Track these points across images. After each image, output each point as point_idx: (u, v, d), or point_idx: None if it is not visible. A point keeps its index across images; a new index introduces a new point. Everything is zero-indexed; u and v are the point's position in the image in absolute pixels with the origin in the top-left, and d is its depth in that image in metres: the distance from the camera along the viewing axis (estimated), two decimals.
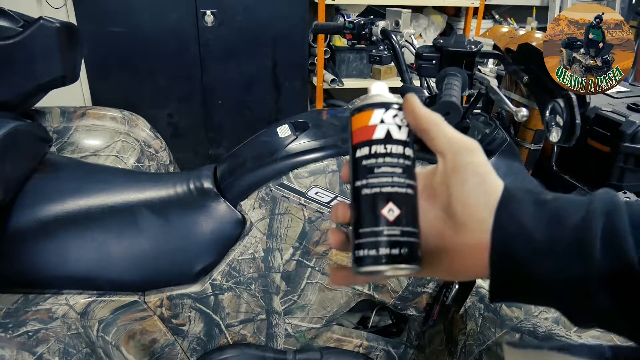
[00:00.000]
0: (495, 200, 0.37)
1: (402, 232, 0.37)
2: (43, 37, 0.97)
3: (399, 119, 0.40)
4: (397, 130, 0.39)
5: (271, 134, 1.01)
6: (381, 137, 0.39)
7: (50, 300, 0.86)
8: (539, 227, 0.36)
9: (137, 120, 1.33)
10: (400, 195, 0.38)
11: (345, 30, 1.26)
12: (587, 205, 0.36)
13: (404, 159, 0.39)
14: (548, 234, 0.36)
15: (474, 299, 0.89)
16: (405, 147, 0.39)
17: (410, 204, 0.39)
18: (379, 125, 0.39)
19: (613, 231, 0.34)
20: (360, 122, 0.40)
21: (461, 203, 0.38)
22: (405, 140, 0.39)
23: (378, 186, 0.38)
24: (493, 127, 0.99)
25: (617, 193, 0.36)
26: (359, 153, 0.40)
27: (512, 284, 0.37)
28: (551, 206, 0.37)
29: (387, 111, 0.40)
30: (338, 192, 0.89)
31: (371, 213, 0.38)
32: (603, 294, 0.34)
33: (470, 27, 2.85)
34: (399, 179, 0.38)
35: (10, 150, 0.86)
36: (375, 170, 0.38)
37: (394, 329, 1.13)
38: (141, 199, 0.95)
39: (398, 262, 0.37)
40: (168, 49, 2.40)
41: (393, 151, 0.39)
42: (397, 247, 0.37)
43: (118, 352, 0.90)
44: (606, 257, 0.34)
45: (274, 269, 0.94)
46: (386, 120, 0.39)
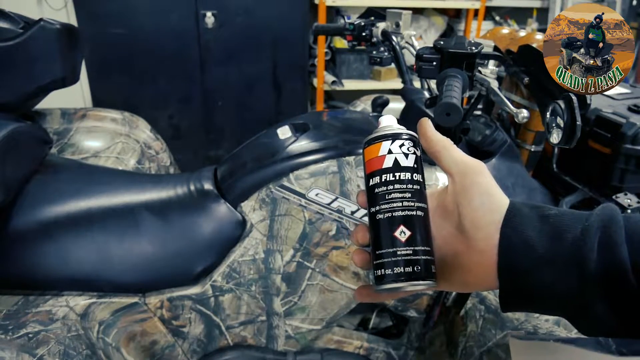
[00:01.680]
0: (500, 217, 0.40)
1: (415, 251, 0.41)
2: (43, 38, 0.97)
3: (406, 148, 0.43)
4: (404, 158, 0.43)
5: (271, 135, 1.02)
6: (390, 166, 0.43)
7: (50, 302, 0.86)
8: (541, 241, 0.38)
9: (138, 122, 1.33)
10: (410, 218, 0.42)
11: (345, 31, 1.26)
12: (585, 220, 0.38)
13: (412, 184, 0.43)
14: (549, 247, 0.38)
15: (475, 301, 0.89)
16: (413, 174, 0.43)
17: (421, 224, 0.42)
18: (387, 156, 0.43)
19: (609, 243, 0.36)
20: (371, 153, 0.44)
21: (469, 221, 0.41)
22: (413, 166, 0.43)
23: (390, 211, 0.42)
24: (493, 129, 0.99)
25: (616, 207, 0.39)
26: (371, 182, 0.44)
27: (518, 294, 0.40)
28: (553, 221, 0.39)
29: (394, 142, 0.43)
30: (338, 193, 0.89)
31: (385, 235, 0.42)
32: (600, 302, 0.36)
33: (470, 28, 2.85)
34: (409, 203, 0.42)
35: (11, 152, 0.86)
36: (387, 196, 0.42)
37: (395, 330, 1.13)
38: (141, 201, 0.95)
39: (414, 280, 0.40)
40: (168, 51, 2.41)
41: (401, 178, 0.42)
42: (410, 265, 0.40)
43: (118, 353, 0.90)
44: (601, 268, 0.36)
45: (275, 271, 0.94)
46: (394, 150, 0.43)
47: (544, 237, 0.38)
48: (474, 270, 0.41)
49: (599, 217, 0.38)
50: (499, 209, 0.40)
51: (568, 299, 0.37)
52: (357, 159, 0.90)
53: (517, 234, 0.39)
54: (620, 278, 0.35)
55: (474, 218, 0.40)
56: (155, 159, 1.32)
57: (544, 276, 0.38)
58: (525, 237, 0.39)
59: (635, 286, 0.34)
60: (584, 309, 0.37)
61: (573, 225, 0.38)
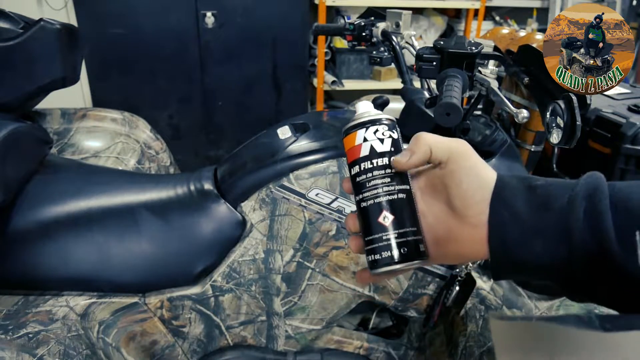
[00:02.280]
0: (489, 193, 0.41)
1: (400, 234, 0.42)
2: (43, 38, 0.97)
3: (381, 133, 0.44)
4: (379, 144, 0.44)
5: (271, 136, 1.01)
6: (366, 154, 0.44)
7: (50, 302, 0.86)
8: (529, 212, 0.39)
9: (138, 122, 1.33)
10: (392, 202, 0.43)
11: (345, 31, 1.26)
12: (572, 189, 0.39)
13: (390, 169, 0.43)
14: (537, 218, 0.39)
15: (475, 301, 0.89)
16: (390, 157, 0.44)
17: (404, 207, 0.43)
18: (363, 144, 0.44)
19: (594, 213, 0.37)
20: (349, 143, 0.45)
21: (459, 200, 0.42)
22: (390, 150, 0.44)
23: (372, 198, 0.43)
24: (493, 129, 0.99)
25: (601, 175, 0.39)
26: (353, 171, 0.45)
27: (509, 265, 0.41)
28: (540, 191, 0.40)
29: (368, 129, 0.44)
30: (338, 193, 0.89)
31: (371, 222, 0.43)
32: (585, 272, 0.37)
33: (470, 28, 2.85)
34: (389, 188, 0.43)
35: (11, 152, 0.86)
36: (367, 184, 0.44)
37: (395, 330, 1.13)
38: (141, 201, 0.95)
39: (404, 261, 0.42)
40: (168, 51, 2.41)
41: (379, 164, 0.43)
42: (399, 248, 0.42)
43: (118, 353, 0.90)
44: (587, 238, 0.37)
45: (275, 271, 0.94)
46: (369, 137, 0.44)
47: (532, 208, 0.39)
48: (467, 244, 0.42)
49: (584, 186, 0.38)
50: (488, 185, 0.41)
51: (557, 268, 0.38)
52: None
53: (506, 207, 0.40)
54: (605, 247, 0.36)
55: (464, 198, 0.42)
56: (155, 159, 1.32)
57: (533, 247, 0.39)
58: (514, 209, 0.40)
59: (619, 255, 0.35)
60: (571, 277, 0.38)
61: (560, 195, 0.39)
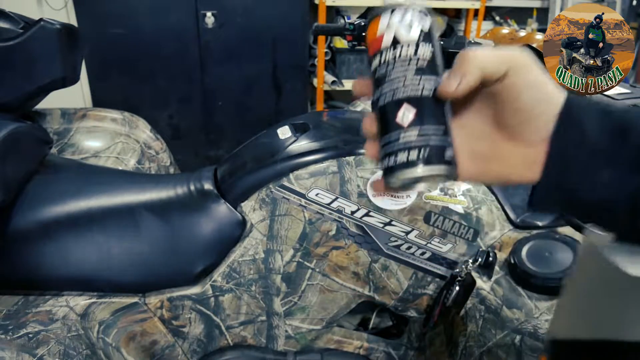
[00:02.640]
0: (553, 107, 0.35)
1: (421, 132, 0.35)
2: (43, 38, 0.97)
3: (409, 19, 0.37)
4: (406, 31, 0.37)
5: (271, 136, 1.02)
6: (389, 44, 0.37)
7: (50, 302, 0.86)
8: (602, 136, 0.34)
9: (138, 122, 1.33)
10: (414, 97, 0.36)
11: (345, 31, 1.25)
12: None
13: (416, 60, 0.36)
14: (611, 144, 0.34)
15: (475, 301, 0.89)
16: (418, 47, 0.36)
17: (429, 103, 0.36)
18: (386, 32, 0.37)
19: None
20: (371, 33, 0.38)
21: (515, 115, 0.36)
22: (418, 38, 0.37)
23: (392, 91, 0.36)
24: None
25: None
26: (373, 64, 0.38)
27: (561, 192, 0.36)
28: (617, 116, 0.35)
29: (393, 14, 0.37)
30: (338, 193, 0.89)
31: (388, 120, 0.36)
32: None
33: (470, 28, 2.85)
34: (412, 82, 0.36)
35: (11, 152, 0.86)
36: (387, 78, 0.37)
37: (395, 330, 1.13)
38: (141, 201, 0.95)
39: (424, 164, 0.35)
40: (168, 51, 2.41)
41: (402, 54, 0.36)
42: (418, 149, 0.35)
43: (118, 353, 0.90)
44: None
45: (275, 271, 0.94)
46: (393, 23, 0.37)
47: (605, 132, 0.34)
48: (514, 165, 0.37)
49: None
50: (552, 99, 0.35)
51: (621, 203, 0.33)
52: (357, 159, 0.90)
53: (575, 126, 0.34)
54: None
55: (521, 111, 0.36)
56: (155, 159, 1.32)
57: (601, 175, 0.33)
58: (584, 130, 0.34)
59: None
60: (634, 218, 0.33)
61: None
